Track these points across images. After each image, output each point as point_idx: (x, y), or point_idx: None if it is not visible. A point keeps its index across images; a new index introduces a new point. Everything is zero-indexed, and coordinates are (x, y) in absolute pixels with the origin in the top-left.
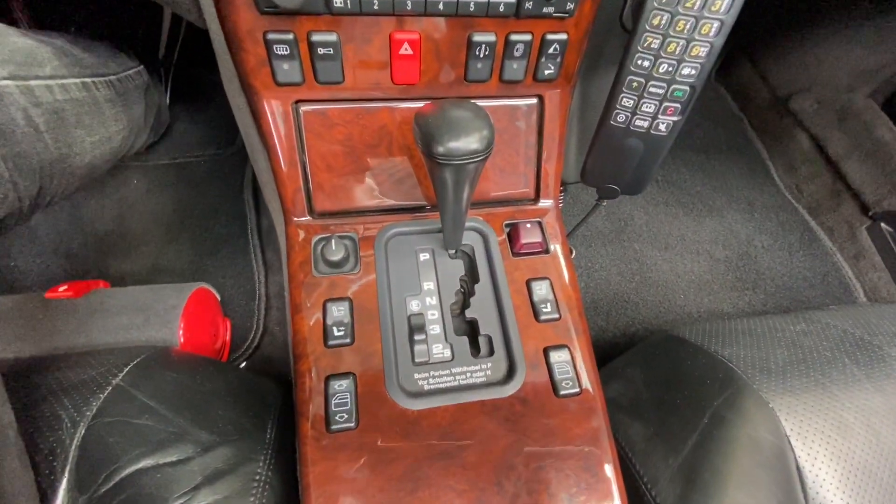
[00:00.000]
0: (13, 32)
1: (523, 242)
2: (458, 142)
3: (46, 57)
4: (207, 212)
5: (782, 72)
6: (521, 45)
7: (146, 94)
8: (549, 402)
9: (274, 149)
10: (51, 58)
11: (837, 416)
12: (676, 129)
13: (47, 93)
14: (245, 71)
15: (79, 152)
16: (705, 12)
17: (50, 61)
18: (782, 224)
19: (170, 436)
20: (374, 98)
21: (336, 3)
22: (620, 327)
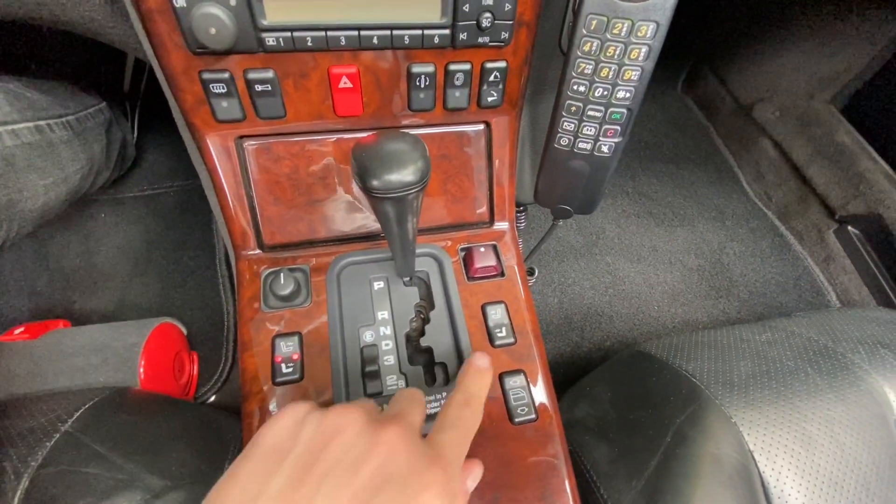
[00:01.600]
0: None
1: (478, 266)
2: (391, 175)
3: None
4: (176, 244)
5: (744, 81)
6: (462, 74)
7: (108, 131)
8: (504, 429)
9: (220, 185)
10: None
11: (801, 428)
12: (619, 150)
13: None
14: (185, 109)
15: (30, 196)
16: (632, 38)
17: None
18: (753, 231)
19: (118, 484)
20: (319, 130)
21: (269, 42)
22: (595, 342)
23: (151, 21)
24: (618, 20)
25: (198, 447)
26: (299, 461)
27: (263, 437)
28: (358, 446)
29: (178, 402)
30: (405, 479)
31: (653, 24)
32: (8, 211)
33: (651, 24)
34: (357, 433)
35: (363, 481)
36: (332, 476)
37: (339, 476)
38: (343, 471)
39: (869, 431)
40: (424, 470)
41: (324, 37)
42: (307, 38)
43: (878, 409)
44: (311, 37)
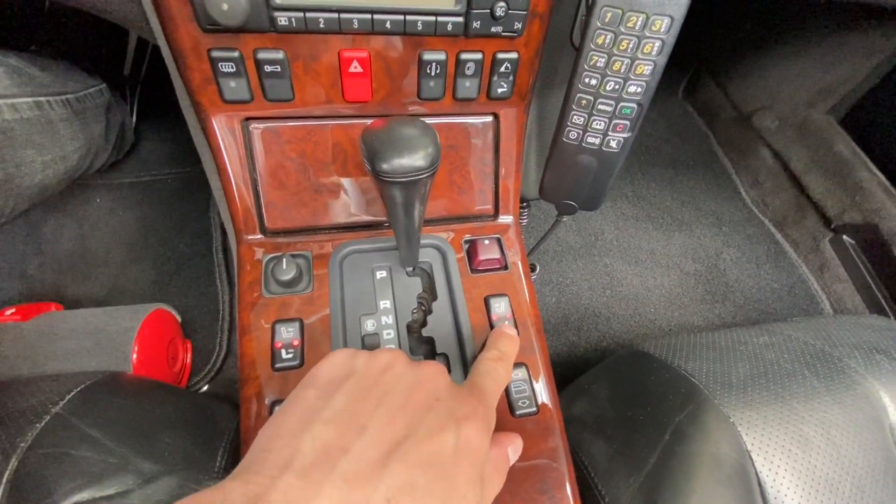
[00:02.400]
0: None
1: (482, 259)
2: (402, 159)
3: None
4: (172, 231)
5: (745, 90)
6: (473, 64)
7: (108, 113)
8: (505, 422)
9: (224, 167)
10: (1, 77)
11: (798, 429)
12: (628, 146)
13: None
14: (191, 88)
15: (28, 172)
16: (646, 32)
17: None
18: (749, 237)
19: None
20: (327, 115)
21: (281, 21)
22: (592, 342)
23: None
24: (632, 13)
25: (191, 433)
26: (357, 384)
27: (318, 370)
28: (407, 375)
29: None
30: (450, 403)
31: (667, 19)
32: (5, 186)
33: (666, 19)
34: (405, 365)
35: (416, 402)
36: (389, 396)
37: (395, 396)
38: (399, 392)
39: (864, 434)
40: (465, 398)
41: (336, 19)
42: (319, 20)
43: (874, 412)
44: (324, 18)
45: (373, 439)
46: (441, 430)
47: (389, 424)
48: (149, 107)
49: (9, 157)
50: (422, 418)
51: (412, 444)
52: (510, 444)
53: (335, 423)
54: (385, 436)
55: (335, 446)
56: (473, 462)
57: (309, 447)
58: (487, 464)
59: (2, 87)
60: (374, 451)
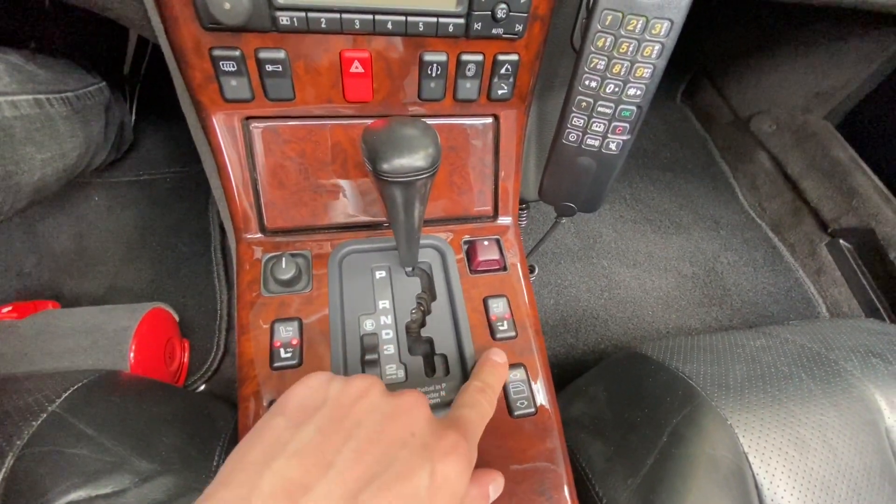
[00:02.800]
0: None
1: (481, 260)
2: (402, 159)
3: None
4: (170, 230)
5: (743, 94)
6: (473, 65)
7: (107, 111)
8: (503, 422)
9: (224, 165)
10: (1, 74)
11: (794, 432)
12: (627, 148)
13: None
14: (192, 87)
15: (27, 169)
16: (646, 35)
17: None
18: (747, 241)
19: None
20: (328, 115)
21: (282, 21)
22: (589, 344)
23: None
24: (633, 16)
25: (189, 433)
26: (328, 415)
27: (290, 395)
28: (382, 406)
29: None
30: (427, 439)
31: (667, 22)
32: (4, 183)
33: (665, 22)
34: (380, 394)
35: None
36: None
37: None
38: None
39: (860, 437)
40: (444, 433)
41: (338, 19)
42: (321, 20)
43: (870, 415)
44: (326, 18)
45: (339, 478)
46: (414, 470)
47: (358, 461)
48: (148, 106)
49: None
50: (395, 455)
51: (382, 484)
52: (491, 482)
53: (300, 457)
54: (353, 474)
55: (297, 484)
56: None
57: (268, 485)
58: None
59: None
60: (340, 490)
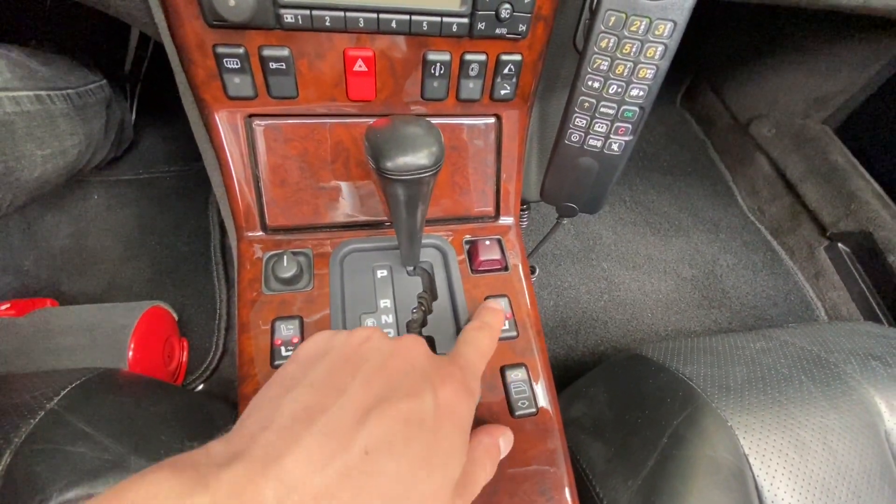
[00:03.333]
0: None
1: (482, 259)
2: (406, 157)
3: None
4: (169, 228)
5: (742, 99)
6: (476, 65)
7: (108, 109)
8: (504, 422)
9: (226, 163)
10: (2, 70)
11: (794, 434)
12: (629, 149)
13: None
14: (195, 84)
15: (27, 166)
16: (650, 36)
17: (1, 73)
18: (746, 244)
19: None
20: (330, 114)
21: (287, 19)
22: (589, 346)
23: None
24: (636, 17)
25: (188, 431)
26: (336, 355)
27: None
28: (385, 346)
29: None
30: (426, 369)
31: (670, 23)
32: (5, 179)
33: (668, 23)
34: (381, 338)
35: (394, 367)
36: (367, 363)
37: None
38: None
39: (860, 440)
40: (444, 366)
41: (342, 17)
42: (325, 18)
43: (870, 418)
44: (330, 16)
45: (351, 400)
46: (418, 392)
47: (367, 387)
48: (148, 104)
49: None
50: (400, 381)
51: (390, 404)
52: (501, 435)
53: (314, 387)
54: (363, 397)
55: (314, 407)
56: (455, 426)
57: (288, 408)
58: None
59: (3, 79)
60: (353, 409)
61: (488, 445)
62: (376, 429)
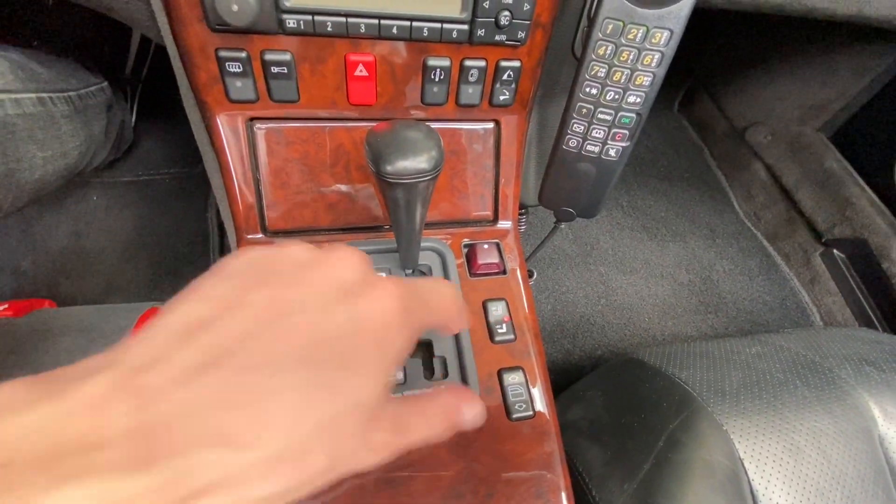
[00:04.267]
0: None
1: (481, 263)
2: (406, 161)
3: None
4: (169, 230)
5: (739, 106)
6: (476, 71)
7: (108, 111)
8: (501, 425)
9: (227, 165)
10: (4, 72)
11: (789, 438)
12: (626, 154)
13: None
14: (197, 87)
15: (29, 167)
16: (646, 44)
17: (3, 75)
18: (742, 250)
19: None
20: (331, 117)
21: (289, 24)
22: (586, 350)
23: None
24: (633, 26)
25: None
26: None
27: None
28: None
29: None
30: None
31: (667, 32)
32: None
33: (665, 32)
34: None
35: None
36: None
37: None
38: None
39: (855, 445)
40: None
41: (344, 23)
42: (327, 23)
43: (864, 423)
44: (332, 22)
45: (243, 314)
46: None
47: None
48: (148, 107)
49: (10, 151)
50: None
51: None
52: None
53: (208, 301)
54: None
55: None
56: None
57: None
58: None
59: (5, 81)
60: (240, 324)
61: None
62: (264, 345)
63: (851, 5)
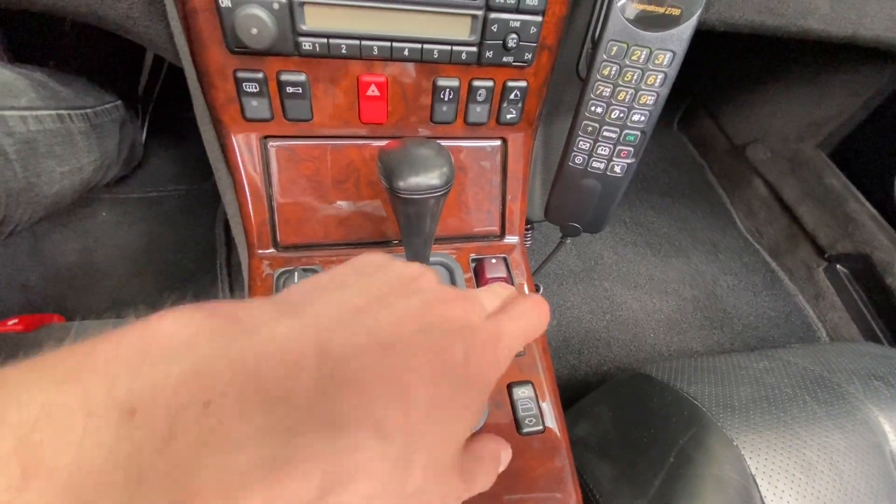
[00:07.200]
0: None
1: (489, 277)
2: (418, 177)
3: (23, 89)
4: (176, 246)
5: (738, 123)
6: (484, 91)
7: (122, 128)
8: (511, 441)
9: (240, 182)
10: (27, 90)
11: (801, 454)
12: (631, 171)
13: (21, 123)
14: (214, 106)
15: (47, 182)
16: (650, 65)
17: (26, 93)
18: (746, 265)
19: None
20: (342, 135)
21: (305, 46)
22: (592, 366)
23: (194, 19)
24: (637, 47)
25: None
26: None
27: (356, 259)
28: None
29: None
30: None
31: (669, 53)
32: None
33: (668, 53)
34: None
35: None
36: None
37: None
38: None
39: (866, 461)
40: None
41: (358, 45)
42: (342, 46)
43: (874, 438)
44: (346, 44)
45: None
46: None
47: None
48: (157, 124)
49: (31, 166)
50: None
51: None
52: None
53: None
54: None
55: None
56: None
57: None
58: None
59: (28, 99)
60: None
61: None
62: (412, 345)
63: (846, 27)
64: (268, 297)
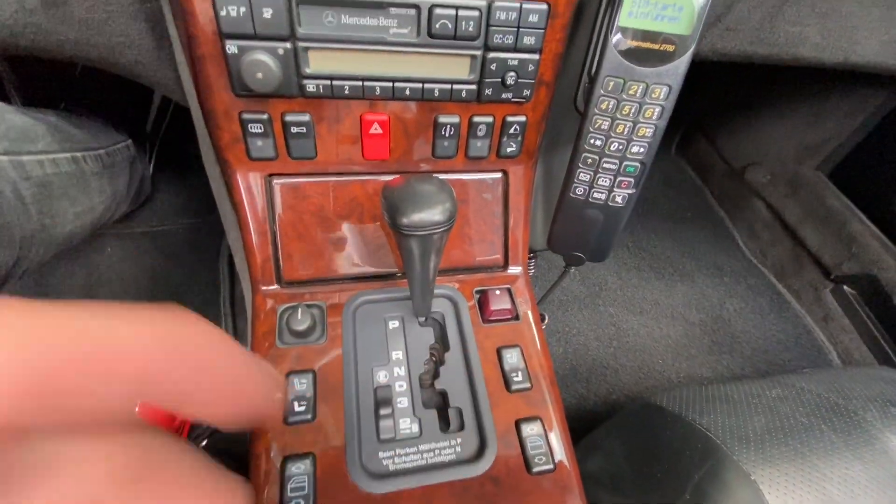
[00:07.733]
0: (10, 110)
1: (493, 309)
2: (421, 214)
3: (39, 133)
4: (180, 281)
5: (735, 147)
6: (484, 126)
7: (131, 166)
8: (521, 480)
9: (245, 219)
10: (44, 134)
11: (821, 488)
12: (633, 201)
13: (38, 167)
14: (220, 146)
15: (61, 223)
16: (647, 99)
17: (43, 137)
18: (751, 287)
19: None
20: (346, 172)
21: (309, 88)
22: (601, 395)
23: (202, 66)
24: (633, 82)
25: None
26: None
27: None
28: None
29: None
30: None
31: (666, 87)
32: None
33: (664, 87)
34: None
35: None
36: None
37: None
38: None
39: (889, 493)
40: None
41: (360, 86)
42: (345, 87)
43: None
44: (349, 85)
45: None
46: None
47: None
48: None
49: (46, 208)
50: None
51: None
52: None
53: None
54: None
55: None
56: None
57: None
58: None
59: (45, 143)
60: None
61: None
62: None
63: (837, 53)
64: None
